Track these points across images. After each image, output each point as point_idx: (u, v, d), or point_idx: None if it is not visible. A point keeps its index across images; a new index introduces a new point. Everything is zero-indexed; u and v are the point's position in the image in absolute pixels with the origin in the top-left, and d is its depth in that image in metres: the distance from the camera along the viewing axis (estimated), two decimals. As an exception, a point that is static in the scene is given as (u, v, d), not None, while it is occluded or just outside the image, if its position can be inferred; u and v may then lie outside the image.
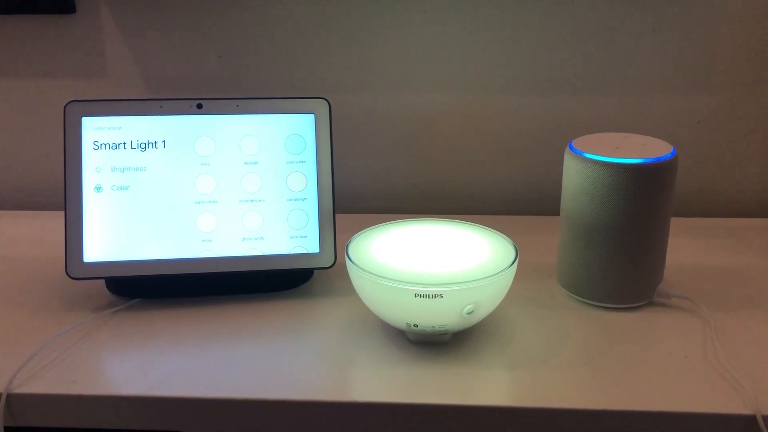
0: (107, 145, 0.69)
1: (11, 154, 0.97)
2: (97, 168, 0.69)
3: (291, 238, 0.71)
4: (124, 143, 0.69)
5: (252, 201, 0.71)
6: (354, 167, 0.95)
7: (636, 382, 0.58)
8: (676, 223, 0.88)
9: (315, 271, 0.74)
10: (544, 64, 0.90)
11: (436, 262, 0.63)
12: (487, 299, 0.61)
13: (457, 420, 0.56)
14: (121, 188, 0.69)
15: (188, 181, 0.70)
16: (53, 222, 0.90)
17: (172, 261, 0.69)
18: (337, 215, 0.73)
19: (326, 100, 0.72)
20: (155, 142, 0.69)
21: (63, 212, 0.69)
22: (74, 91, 0.94)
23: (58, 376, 0.59)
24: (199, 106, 0.70)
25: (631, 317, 0.68)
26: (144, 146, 0.69)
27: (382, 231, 0.68)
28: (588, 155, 0.66)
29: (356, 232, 0.68)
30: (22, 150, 0.97)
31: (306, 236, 0.71)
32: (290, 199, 0.71)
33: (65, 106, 0.69)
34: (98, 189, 0.69)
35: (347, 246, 0.65)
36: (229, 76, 0.92)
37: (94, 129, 0.69)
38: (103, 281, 0.72)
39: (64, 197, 0.68)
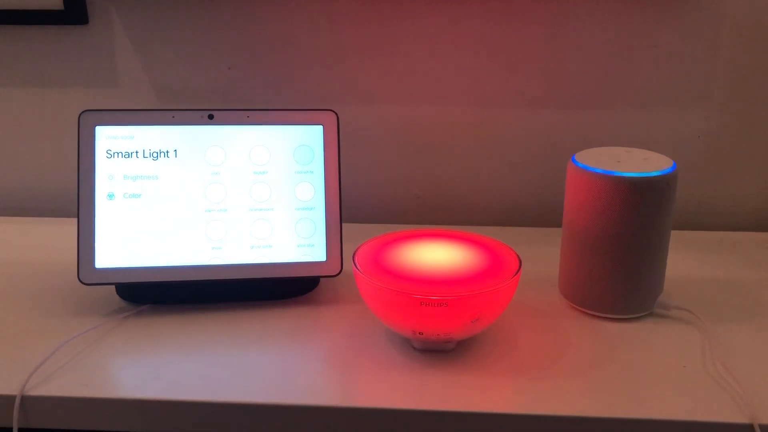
0: (120, 154, 0.70)
1: (25, 162, 0.99)
2: (109, 176, 0.70)
3: (299, 246, 0.72)
4: (137, 152, 0.71)
5: (261, 210, 0.72)
6: (360, 178, 0.97)
7: (636, 391, 0.59)
8: (676, 236, 0.89)
9: (321, 279, 0.76)
10: (548, 79, 0.92)
11: (441, 271, 0.64)
12: (490, 308, 0.62)
13: (461, 426, 0.57)
14: (133, 196, 0.70)
15: (199, 190, 0.71)
16: (65, 228, 0.92)
17: (181, 268, 0.71)
18: (343, 225, 0.74)
19: (334, 112, 0.73)
20: (167, 151, 0.71)
21: (75, 219, 0.70)
22: (86, 101, 0.95)
23: (70, 379, 0.61)
24: (211, 117, 0.72)
25: (631, 327, 0.69)
26: (156, 155, 0.71)
27: (388, 240, 0.69)
28: (590, 168, 0.67)
29: (362, 241, 0.69)
30: (35, 157, 0.98)
31: (313, 245, 0.72)
32: (298, 208, 0.73)
33: (79, 116, 0.70)
34: (110, 196, 0.70)
35: (354, 254, 0.66)
36: (239, 88, 0.94)
37: (107, 138, 0.70)
38: (113, 287, 0.73)
39: (77, 204, 0.70)
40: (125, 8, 0.91)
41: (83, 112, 0.70)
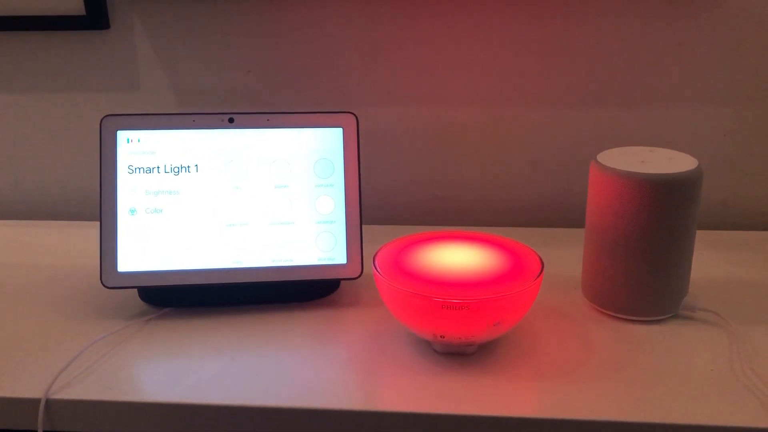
0: (141, 170, 0.71)
1: (48, 166, 1.00)
2: (131, 190, 0.70)
3: (319, 260, 0.72)
4: (158, 167, 0.71)
5: (281, 223, 0.72)
6: (380, 179, 0.97)
7: (661, 395, 0.58)
8: (701, 237, 0.88)
9: (342, 281, 0.76)
10: (570, 78, 0.91)
11: (462, 273, 0.64)
12: (512, 311, 0.61)
13: (483, 430, 0.57)
14: (155, 211, 0.71)
15: (220, 204, 0.71)
16: (89, 232, 0.93)
17: (202, 271, 0.71)
18: (363, 226, 0.74)
19: (354, 114, 0.73)
20: (188, 167, 0.71)
21: (97, 222, 0.71)
22: (108, 105, 0.96)
23: (94, 382, 0.61)
24: (231, 120, 0.72)
25: (656, 330, 0.68)
26: (177, 170, 0.71)
27: (409, 242, 0.69)
28: (614, 168, 0.66)
29: (382, 243, 0.69)
30: (57, 161, 0.99)
31: (334, 258, 0.72)
32: (319, 222, 0.72)
33: (101, 120, 0.71)
34: (132, 212, 0.70)
35: (374, 257, 0.66)
36: (259, 91, 0.94)
37: (129, 153, 0.70)
38: (136, 290, 0.74)
39: (99, 219, 0.70)
40: (146, 13, 0.92)
41: (105, 116, 0.71)
